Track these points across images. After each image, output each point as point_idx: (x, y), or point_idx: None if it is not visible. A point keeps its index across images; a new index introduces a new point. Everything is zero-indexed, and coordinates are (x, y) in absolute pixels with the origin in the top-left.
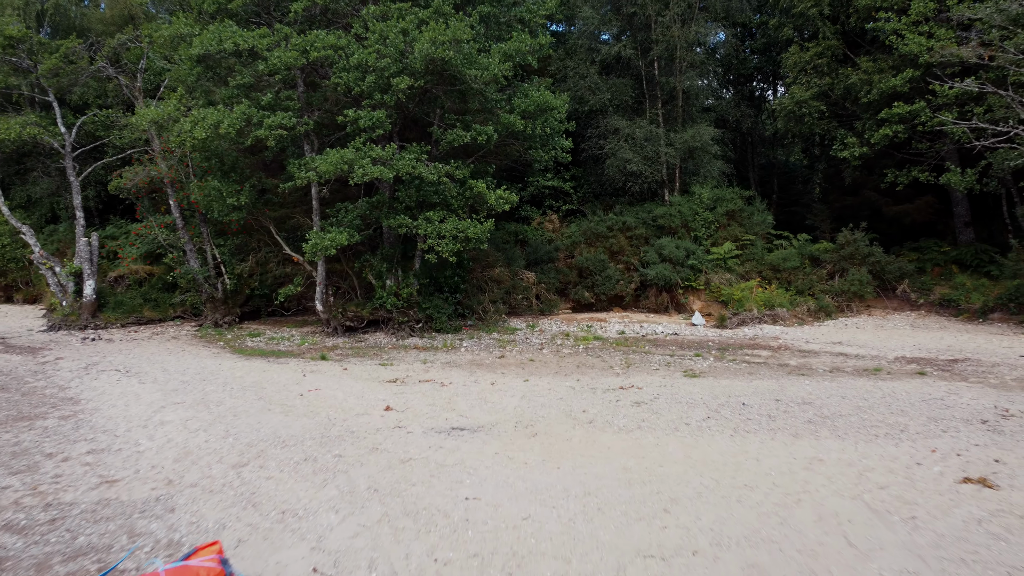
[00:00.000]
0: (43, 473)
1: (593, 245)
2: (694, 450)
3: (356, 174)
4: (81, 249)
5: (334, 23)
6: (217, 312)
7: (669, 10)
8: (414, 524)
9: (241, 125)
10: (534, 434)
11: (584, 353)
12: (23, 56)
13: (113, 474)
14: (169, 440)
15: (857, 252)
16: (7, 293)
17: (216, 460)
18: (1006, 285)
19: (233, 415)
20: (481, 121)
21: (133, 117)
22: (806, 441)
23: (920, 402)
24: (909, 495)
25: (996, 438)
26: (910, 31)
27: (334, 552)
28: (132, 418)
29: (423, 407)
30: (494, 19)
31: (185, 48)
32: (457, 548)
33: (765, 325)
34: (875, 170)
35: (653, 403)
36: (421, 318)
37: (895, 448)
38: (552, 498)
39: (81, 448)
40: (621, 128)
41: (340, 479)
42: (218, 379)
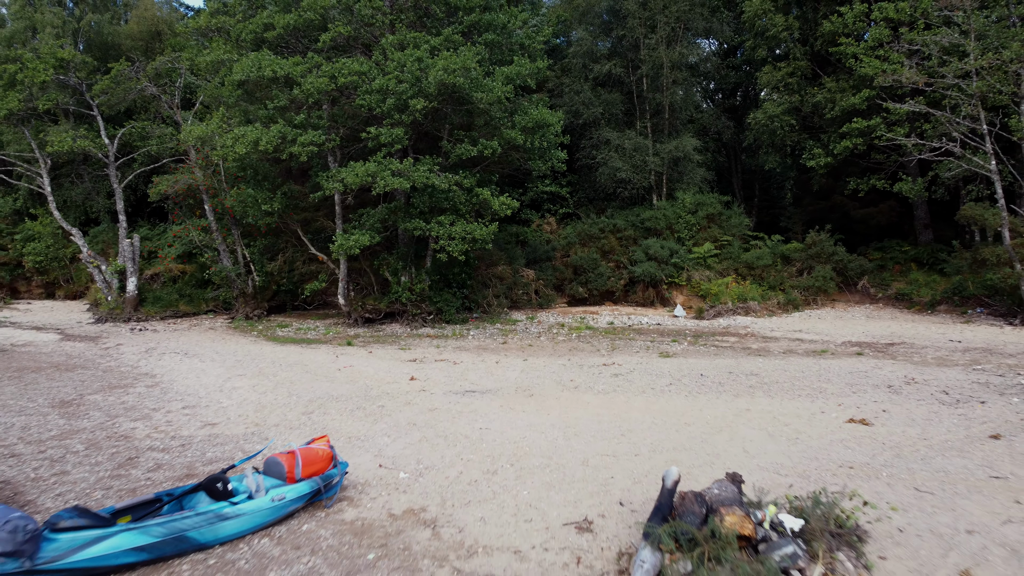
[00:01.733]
0: (157, 420)
1: (587, 245)
2: (654, 404)
3: (378, 184)
4: (124, 249)
5: (356, 49)
6: (247, 306)
7: (656, 33)
8: (445, 441)
9: (277, 142)
10: (531, 395)
11: (576, 340)
12: (70, 75)
13: (211, 419)
14: (244, 399)
15: (823, 251)
16: (48, 290)
17: (287, 410)
18: (952, 280)
19: (290, 383)
20: (486, 136)
21: (181, 132)
22: (743, 399)
23: (846, 374)
24: (803, 428)
25: (893, 397)
26: (867, 55)
27: (390, 457)
28: (207, 385)
29: (440, 378)
30: (497, 45)
31: (226, 72)
32: (475, 452)
33: (738, 316)
34: (842, 177)
35: (628, 375)
36: (432, 310)
37: (810, 403)
38: (541, 429)
39: (176, 405)
40: (612, 139)
41: (386, 419)
42: (265, 359)
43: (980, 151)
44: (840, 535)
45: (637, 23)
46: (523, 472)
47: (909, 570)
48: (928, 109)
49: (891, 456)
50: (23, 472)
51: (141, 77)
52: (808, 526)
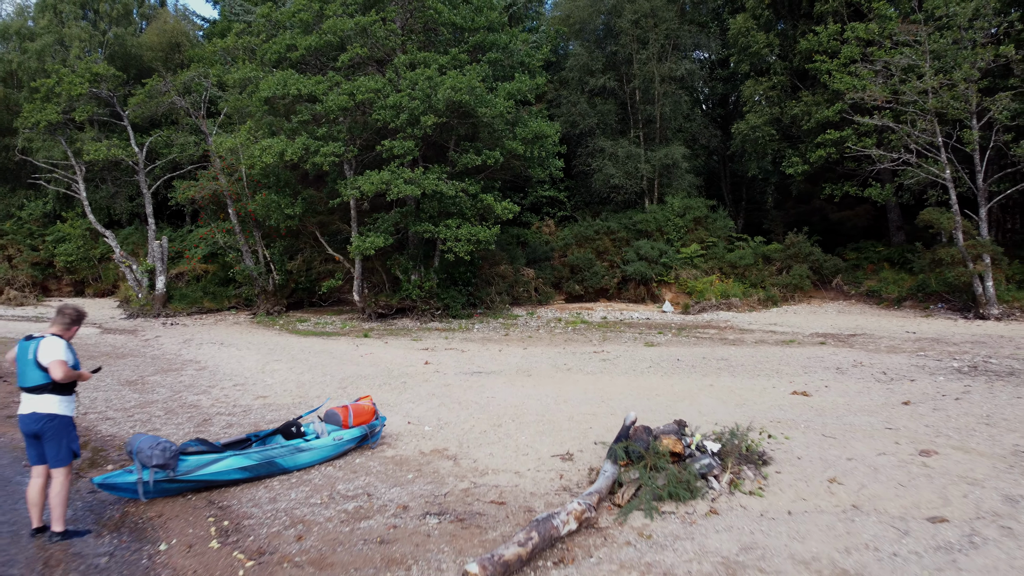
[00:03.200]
0: (215, 394)
1: (583, 246)
2: (633, 382)
3: (392, 191)
4: (154, 250)
5: (370, 66)
6: (268, 302)
7: (647, 48)
8: (458, 406)
9: (301, 153)
10: (529, 375)
11: (572, 333)
12: (102, 87)
13: (261, 393)
14: (285, 379)
15: (800, 251)
16: (77, 288)
17: (324, 386)
18: (917, 279)
19: (321, 366)
20: (489, 146)
21: (207, 142)
22: (709, 378)
23: (805, 359)
24: (752, 398)
25: (838, 376)
26: (839, 72)
27: (416, 417)
28: (249, 368)
29: (451, 362)
30: (500, 63)
31: (252, 88)
32: (484, 413)
33: (721, 311)
34: (820, 183)
35: (615, 360)
36: (440, 306)
37: (766, 381)
38: (537, 397)
39: (227, 383)
40: (606, 148)
41: (409, 391)
42: (294, 348)
43: (937, 161)
44: (747, 456)
45: (629, 39)
46: (522, 425)
47: (794, 479)
48: (888, 124)
49: (814, 415)
50: (122, 430)
51: (171, 91)
52: (724, 448)
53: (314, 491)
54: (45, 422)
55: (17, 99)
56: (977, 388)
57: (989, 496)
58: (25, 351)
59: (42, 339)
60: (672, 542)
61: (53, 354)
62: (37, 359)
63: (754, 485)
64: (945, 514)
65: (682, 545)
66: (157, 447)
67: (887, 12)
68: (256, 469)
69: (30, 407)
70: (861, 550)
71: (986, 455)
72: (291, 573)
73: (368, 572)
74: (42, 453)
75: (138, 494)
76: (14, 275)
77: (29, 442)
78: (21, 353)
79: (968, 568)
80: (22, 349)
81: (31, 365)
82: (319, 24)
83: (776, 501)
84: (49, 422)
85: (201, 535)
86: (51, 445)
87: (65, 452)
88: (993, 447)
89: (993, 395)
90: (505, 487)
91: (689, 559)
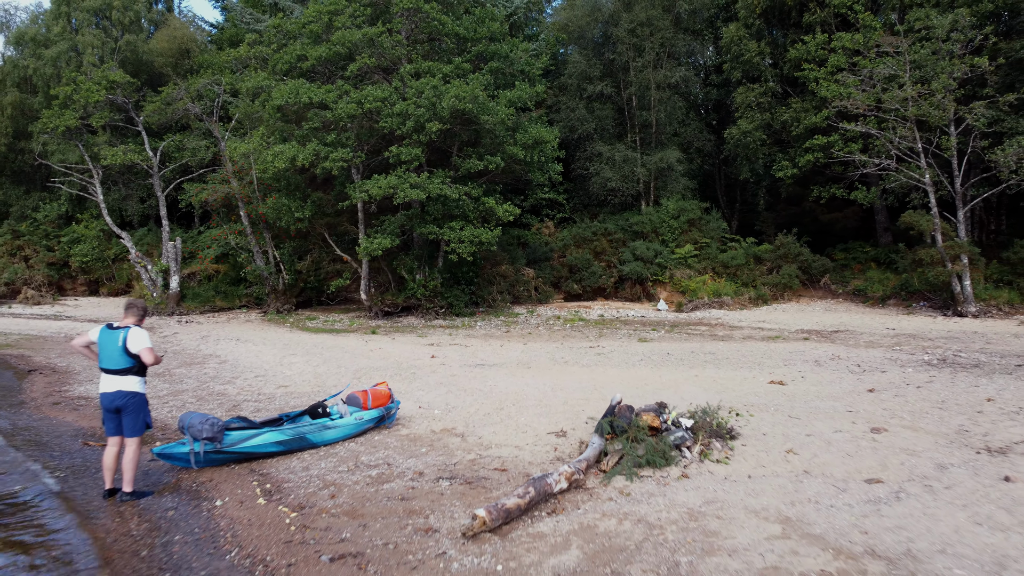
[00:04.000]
0: (240, 384)
1: (581, 247)
2: (624, 373)
3: (399, 195)
4: (168, 251)
5: (377, 74)
6: (278, 301)
7: (643, 56)
8: (464, 393)
9: (312, 158)
10: (529, 367)
11: (570, 330)
12: (118, 94)
13: (282, 383)
14: (303, 370)
15: (789, 252)
16: (92, 287)
17: (339, 377)
18: (900, 278)
19: (335, 359)
20: (491, 152)
21: (221, 147)
22: (696, 369)
23: (787, 353)
24: (732, 386)
25: (815, 368)
26: (826, 80)
27: (426, 402)
28: (268, 362)
29: (455, 356)
30: (501, 71)
31: (265, 96)
32: (487, 399)
33: (713, 310)
34: (809, 186)
35: (609, 354)
36: (444, 305)
37: (747, 372)
38: (536, 386)
39: (249, 375)
40: (604, 152)
41: (418, 381)
42: (307, 344)
43: (917, 166)
44: (716, 431)
45: (626, 47)
46: (521, 408)
47: (757, 450)
48: (870, 130)
49: (784, 400)
50: (160, 414)
51: (185, 98)
52: (696, 424)
53: (341, 461)
54: (128, 398)
55: (32, 104)
56: (941, 378)
57: (923, 464)
58: (113, 339)
59: (128, 329)
60: (647, 498)
61: (143, 343)
62: (126, 346)
63: (721, 455)
64: (881, 477)
65: (655, 500)
66: (206, 423)
67: (872, 23)
68: (289, 443)
69: (115, 386)
70: (804, 503)
71: (931, 433)
72: (329, 521)
73: (393, 520)
74: (119, 425)
75: (190, 463)
76: (31, 275)
77: (108, 416)
78: (106, 340)
79: (888, 515)
80: (108, 336)
81: (120, 351)
82: (328, 35)
83: (739, 468)
84: (131, 399)
85: (248, 494)
86: (129, 418)
87: (140, 424)
88: (940, 427)
89: (953, 384)
90: (506, 458)
91: (660, 510)
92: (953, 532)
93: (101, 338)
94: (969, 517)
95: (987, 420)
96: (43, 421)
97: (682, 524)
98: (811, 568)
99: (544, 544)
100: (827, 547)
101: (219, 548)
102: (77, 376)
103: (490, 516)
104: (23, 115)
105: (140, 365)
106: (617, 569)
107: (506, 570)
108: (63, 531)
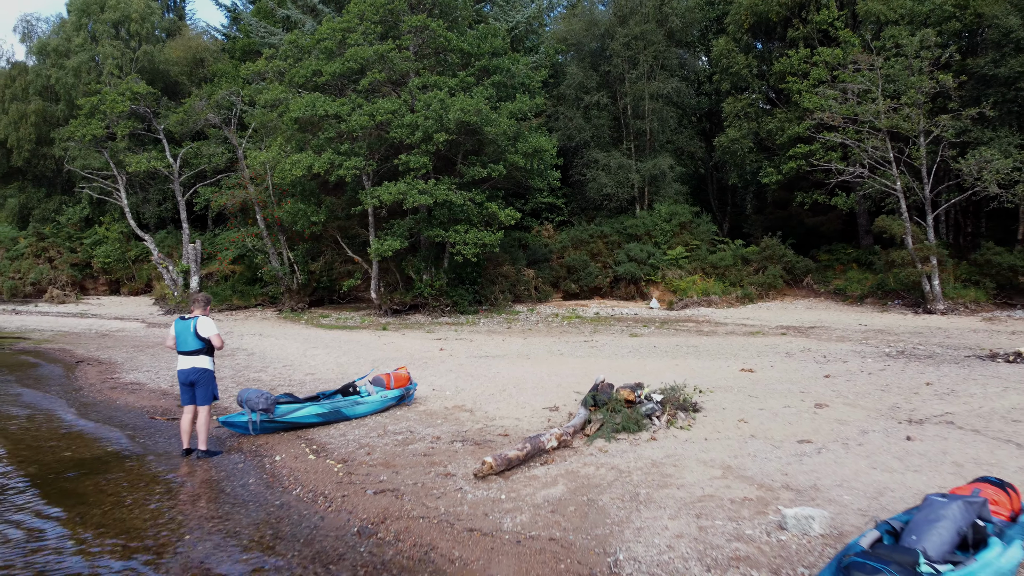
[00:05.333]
0: (271, 372)
1: (578, 248)
2: (613, 363)
3: (408, 201)
4: (188, 252)
5: (387, 87)
6: (292, 300)
7: (637, 68)
8: (471, 378)
9: (327, 166)
10: (528, 358)
11: (567, 326)
12: (140, 104)
13: (309, 371)
14: (325, 361)
15: (774, 253)
16: (112, 287)
17: (359, 366)
18: (877, 278)
19: (353, 351)
20: (494, 160)
21: (242, 155)
22: (678, 360)
23: (763, 346)
24: (706, 373)
25: (785, 359)
26: (808, 92)
27: (438, 386)
28: (292, 354)
29: (462, 349)
30: (503, 84)
31: (283, 108)
32: (491, 382)
33: (702, 307)
34: (795, 191)
35: (601, 347)
36: (449, 303)
37: (724, 362)
38: (534, 373)
39: (277, 364)
40: (600, 159)
41: (430, 369)
42: (324, 339)
43: (889, 174)
44: (683, 405)
45: (621, 60)
46: (521, 390)
47: (715, 420)
48: (846, 140)
49: (749, 384)
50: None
51: (206, 109)
52: (665, 399)
53: (371, 430)
54: (200, 374)
55: (54, 112)
56: (894, 367)
57: (849, 430)
58: (186, 327)
59: (197, 319)
60: (620, 454)
61: (212, 329)
62: (197, 332)
63: (685, 423)
64: (812, 439)
65: (627, 455)
66: (261, 397)
67: (851, 39)
68: (327, 415)
69: (190, 364)
70: (744, 456)
71: (866, 409)
72: (368, 470)
73: (419, 468)
74: (193, 396)
75: (248, 430)
76: (56, 275)
77: (184, 389)
78: (181, 328)
79: (807, 463)
80: (182, 325)
81: (192, 336)
82: (342, 51)
83: (698, 433)
84: (203, 374)
85: (300, 453)
86: (202, 390)
87: (210, 395)
88: (876, 404)
89: (902, 372)
90: (508, 427)
91: (629, 461)
92: (852, 474)
93: (176, 328)
94: (868, 464)
95: (919, 400)
96: (107, 402)
97: (645, 470)
98: (738, 495)
99: (537, 483)
100: (754, 483)
101: (285, 487)
102: (122, 367)
103: (496, 462)
104: (45, 122)
105: (209, 347)
106: (592, 498)
107: (508, 498)
108: (167, 474)
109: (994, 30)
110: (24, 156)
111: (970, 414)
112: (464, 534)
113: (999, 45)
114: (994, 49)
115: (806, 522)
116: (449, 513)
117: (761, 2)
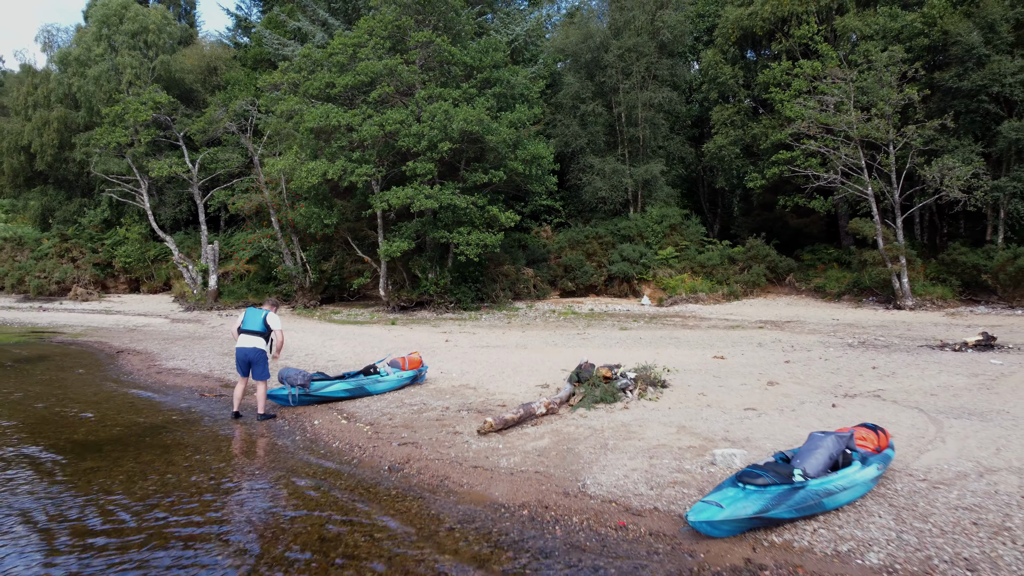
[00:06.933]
0: (296, 360)
1: (575, 249)
2: (602, 351)
3: (415, 205)
4: (207, 252)
5: (395, 98)
6: (304, 297)
7: (630, 79)
8: (475, 363)
9: (340, 173)
10: (526, 348)
11: (563, 321)
12: (160, 112)
13: (330, 359)
14: (343, 350)
15: (758, 253)
16: (132, 286)
17: (374, 354)
18: (854, 276)
19: (368, 343)
20: (495, 166)
21: (260, 163)
22: (659, 349)
23: (738, 338)
24: (683, 360)
25: (756, 349)
26: (789, 102)
27: (446, 370)
28: (312, 344)
29: (466, 341)
30: (503, 95)
31: (298, 118)
32: (492, 366)
33: (689, 304)
34: (778, 195)
35: (592, 339)
36: (453, 300)
37: (701, 351)
38: (530, 359)
39: (299, 354)
40: (595, 164)
41: (438, 356)
42: (339, 332)
43: (862, 179)
44: (652, 381)
45: (615, 71)
46: (519, 372)
47: (679, 394)
48: (822, 148)
49: (716, 367)
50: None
51: (224, 118)
52: (638, 376)
53: (390, 402)
54: (258, 354)
55: (75, 119)
56: (850, 355)
57: (790, 401)
58: (257, 313)
59: (269, 312)
60: (597, 418)
61: (279, 323)
62: (266, 320)
63: (654, 396)
64: (757, 407)
65: (602, 419)
66: (299, 374)
67: (830, 52)
68: (353, 391)
69: (251, 343)
70: (697, 420)
71: (811, 387)
72: (391, 430)
73: (433, 429)
74: (248, 370)
75: (288, 402)
76: (79, 274)
77: (240, 364)
78: (252, 313)
79: (747, 424)
80: (253, 311)
81: (260, 322)
82: (353, 64)
83: (664, 403)
84: (260, 354)
85: (333, 419)
86: (258, 367)
87: (267, 372)
88: (821, 384)
89: (857, 359)
90: (506, 399)
91: (604, 423)
92: (780, 430)
93: (248, 312)
94: (795, 424)
95: (862, 380)
96: (158, 384)
97: (615, 429)
98: (685, 444)
99: (528, 437)
100: (700, 437)
101: (326, 442)
102: (159, 356)
103: (495, 421)
104: (67, 128)
105: (267, 334)
106: (570, 447)
107: (504, 447)
108: (229, 431)
109: (958, 46)
110: (47, 160)
111: (898, 390)
112: (470, 469)
113: (962, 60)
114: (957, 64)
115: (730, 458)
116: (458, 457)
117: (747, 17)
